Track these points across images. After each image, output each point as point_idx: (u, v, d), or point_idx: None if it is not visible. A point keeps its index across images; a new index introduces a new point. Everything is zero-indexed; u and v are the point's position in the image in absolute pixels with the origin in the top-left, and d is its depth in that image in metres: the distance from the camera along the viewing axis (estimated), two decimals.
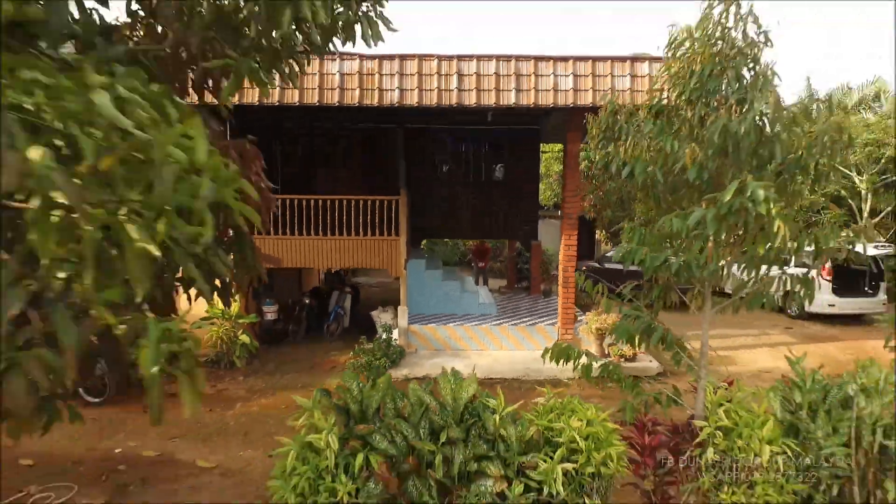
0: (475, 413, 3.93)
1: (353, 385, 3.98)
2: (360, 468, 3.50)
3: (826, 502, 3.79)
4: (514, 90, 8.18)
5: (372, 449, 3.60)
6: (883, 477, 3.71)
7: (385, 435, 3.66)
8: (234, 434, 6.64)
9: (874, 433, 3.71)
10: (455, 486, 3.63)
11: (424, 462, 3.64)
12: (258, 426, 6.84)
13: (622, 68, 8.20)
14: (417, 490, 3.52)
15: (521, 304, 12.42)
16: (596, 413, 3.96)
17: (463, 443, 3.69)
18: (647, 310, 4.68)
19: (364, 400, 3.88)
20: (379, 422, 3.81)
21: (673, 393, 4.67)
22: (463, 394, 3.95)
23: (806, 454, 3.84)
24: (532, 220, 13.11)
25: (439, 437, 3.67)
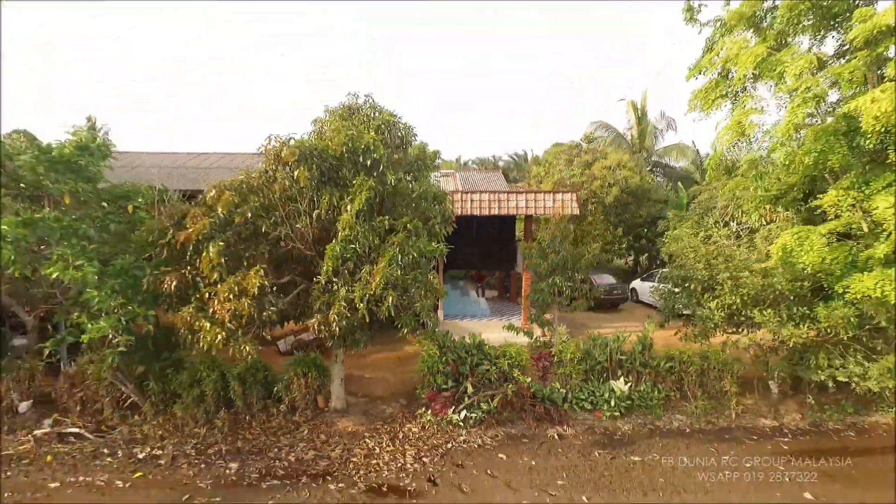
0: (481, 348, 12.09)
1: (436, 338, 12.13)
2: (444, 362, 11.66)
3: (594, 380, 11.99)
4: (503, 207, 16.35)
5: (447, 355, 11.77)
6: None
7: (452, 352, 11.84)
8: (387, 367, 14.72)
9: (609, 355, 11.94)
10: (472, 370, 11.78)
11: (463, 362, 11.81)
12: (389, 363, 14.94)
13: (549, 198, 16.40)
14: (461, 370, 11.70)
15: (504, 307, 20.60)
16: (523, 351, 12.16)
17: (476, 356, 11.87)
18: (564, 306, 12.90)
19: (442, 342, 12.05)
20: (448, 348, 11.99)
21: (549, 343, 12.89)
22: (476, 341, 12.13)
23: (588, 361, 12.04)
24: (512, 259, 21.28)
25: (468, 353, 11.84)
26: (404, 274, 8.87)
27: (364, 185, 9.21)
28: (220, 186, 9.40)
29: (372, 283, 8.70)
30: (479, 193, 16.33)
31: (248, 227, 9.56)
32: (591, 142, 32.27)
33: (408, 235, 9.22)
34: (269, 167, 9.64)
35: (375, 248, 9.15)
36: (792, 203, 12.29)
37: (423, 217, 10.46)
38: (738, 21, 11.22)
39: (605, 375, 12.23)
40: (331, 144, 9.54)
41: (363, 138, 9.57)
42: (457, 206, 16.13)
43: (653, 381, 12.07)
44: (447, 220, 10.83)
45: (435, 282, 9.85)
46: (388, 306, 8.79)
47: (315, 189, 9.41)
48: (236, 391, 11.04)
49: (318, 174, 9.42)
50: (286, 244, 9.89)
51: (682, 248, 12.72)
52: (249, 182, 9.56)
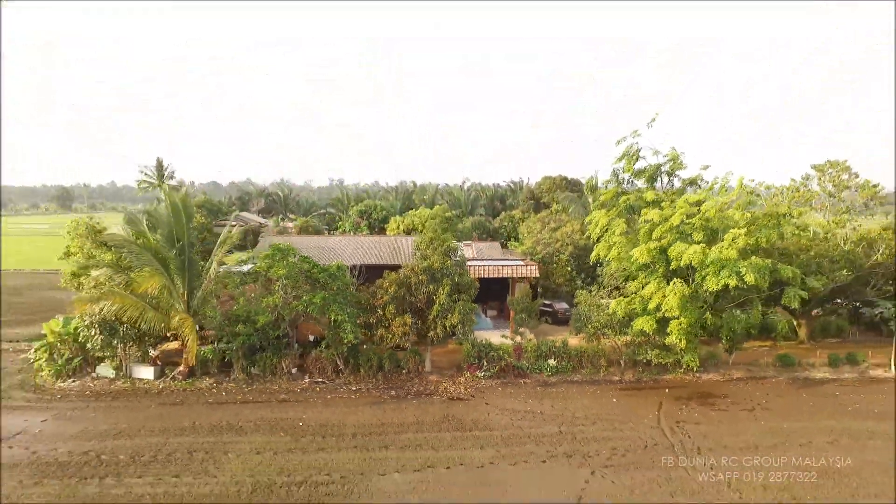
0: (490, 345, 26.78)
1: (469, 341, 26.80)
2: (474, 352, 26.38)
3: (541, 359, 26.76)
4: (497, 271, 31.10)
5: (475, 348, 26.48)
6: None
7: (476, 346, 26.56)
8: (445, 354, 29.33)
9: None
10: (486, 354, 26.44)
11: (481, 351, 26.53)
12: (446, 352, 29.51)
13: (522, 267, 31.16)
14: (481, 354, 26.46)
15: (500, 324, 35.29)
16: (509, 346, 26.89)
17: (487, 348, 26.59)
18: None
19: (472, 343, 26.74)
20: (474, 345, 26.69)
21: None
22: (487, 342, 26.85)
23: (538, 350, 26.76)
24: (505, 294, 35.87)
25: (483, 347, 26.57)
26: (464, 314, 23.65)
27: (446, 282, 23.99)
28: (390, 279, 24.17)
29: (453, 320, 23.47)
30: (485, 261, 31.10)
31: (400, 295, 24.33)
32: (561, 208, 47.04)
33: (463, 300, 24.00)
34: (407, 273, 24.43)
35: (451, 307, 23.93)
36: (622, 281, 27.10)
37: (467, 286, 25.23)
38: (599, 206, 26.09)
39: (546, 357, 26.91)
40: (434, 265, 24.33)
41: (445, 262, 24.36)
42: (472, 271, 30.87)
43: (567, 360, 26.77)
44: (473, 286, 25.62)
45: (472, 316, 24.61)
46: (454, 328, 23.53)
47: (426, 283, 24.19)
48: (385, 363, 25.73)
49: (428, 277, 24.21)
50: (414, 305, 24.68)
51: (581, 298, 27.50)
52: (400, 278, 24.33)
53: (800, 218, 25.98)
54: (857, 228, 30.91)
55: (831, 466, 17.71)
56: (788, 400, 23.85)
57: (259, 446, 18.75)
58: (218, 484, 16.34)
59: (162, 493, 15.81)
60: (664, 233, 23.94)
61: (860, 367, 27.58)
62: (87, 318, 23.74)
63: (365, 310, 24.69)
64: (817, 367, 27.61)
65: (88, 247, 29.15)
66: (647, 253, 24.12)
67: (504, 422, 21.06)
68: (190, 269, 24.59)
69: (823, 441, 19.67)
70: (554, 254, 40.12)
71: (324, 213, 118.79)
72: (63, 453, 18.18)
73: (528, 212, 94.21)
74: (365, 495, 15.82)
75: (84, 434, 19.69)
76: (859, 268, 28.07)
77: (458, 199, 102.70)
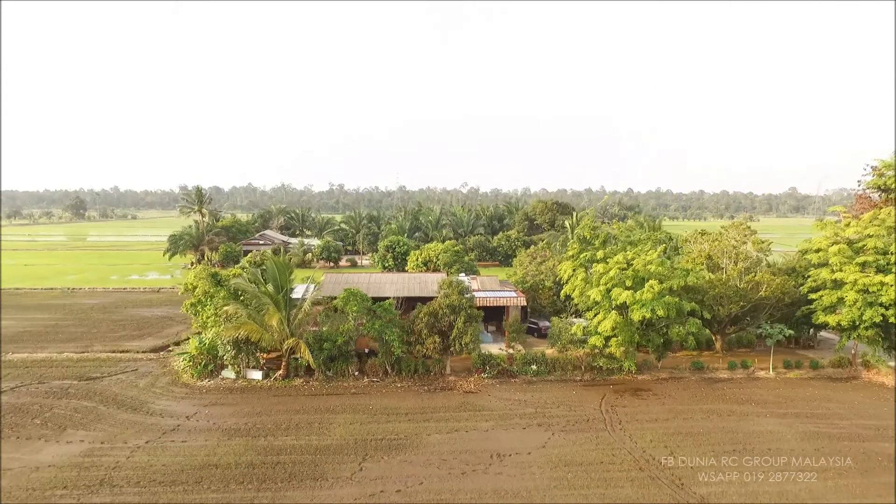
0: (491, 354, 38.51)
1: (476, 352, 38.55)
2: (480, 359, 38.14)
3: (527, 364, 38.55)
4: (495, 300, 42.81)
5: (481, 357, 38.26)
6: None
7: (481, 356, 38.32)
8: (460, 361, 41.01)
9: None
10: (489, 361, 38.17)
11: (485, 359, 38.34)
12: (460, 360, 41.16)
13: (513, 297, 42.85)
14: (485, 361, 38.25)
15: (498, 338, 47.00)
16: (503, 356, 38.65)
17: (489, 357, 38.36)
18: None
19: (479, 353, 38.50)
20: (480, 355, 38.46)
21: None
22: (488, 352, 38.60)
23: (525, 358, 38.51)
24: (502, 315, 47.63)
25: (486, 356, 38.33)
26: (473, 335, 35.47)
27: (462, 314, 35.82)
28: (424, 311, 35.97)
29: (466, 339, 35.28)
30: (487, 293, 42.81)
31: (430, 323, 36.12)
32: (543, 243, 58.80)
33: (472, 326, 35.80)
34: (435, 307, 36.24)
35: (465, 330, 35.76)
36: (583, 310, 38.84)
37: (475, 317, 37.03)
38: (567, 258, 37.92)
39: (529, 363, 38.57)
40: (453, 301, 36.12)
41: (461, 300, 36.17)
42: (478, 300, 42.56)
43: (544, 365, 38.46)
44: (480, 316, 37.44)
45: (479, 336, 36.38)
46: (467, 345, 35.30)
47: (449, 314, 35.98)
48: (420, 368, 37.42)
49: (450, 310, 36.02)
50: (440, 328, 36.48)
51: (554, 322, 39.24)
52: (431, 310, 36.12)
53: (700, 270, 37.82)
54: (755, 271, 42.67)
55: (697, 428, 29.40)
56: (690, 392, 35.61)
57: (349, 420, 30.41)
58: (333, 439, 28.00)
59: (302, 445, 27.44)
60: (607, 281, 35.71)
61: (749, 370, 39.37)
62: (223, 337, 35.37)
63: (406, 332, 36.38)
64: (720, 370, 39.40)
65: (206, 285, 40.61)
66: (598, 294, 35.90)
67: (500, 406, 32.77)
68: (289, 305, 36.21)
69: (699, 416, 31.42)
70: (539, 282, 51.79)
71: (338, 230, 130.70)
72: (231, 424, 29.82)
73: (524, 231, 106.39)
74: (420, 447, 27.45)
75: (237, 414, 31.35)
76: (749, 300, 39.82)
77: (461, 219, 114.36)
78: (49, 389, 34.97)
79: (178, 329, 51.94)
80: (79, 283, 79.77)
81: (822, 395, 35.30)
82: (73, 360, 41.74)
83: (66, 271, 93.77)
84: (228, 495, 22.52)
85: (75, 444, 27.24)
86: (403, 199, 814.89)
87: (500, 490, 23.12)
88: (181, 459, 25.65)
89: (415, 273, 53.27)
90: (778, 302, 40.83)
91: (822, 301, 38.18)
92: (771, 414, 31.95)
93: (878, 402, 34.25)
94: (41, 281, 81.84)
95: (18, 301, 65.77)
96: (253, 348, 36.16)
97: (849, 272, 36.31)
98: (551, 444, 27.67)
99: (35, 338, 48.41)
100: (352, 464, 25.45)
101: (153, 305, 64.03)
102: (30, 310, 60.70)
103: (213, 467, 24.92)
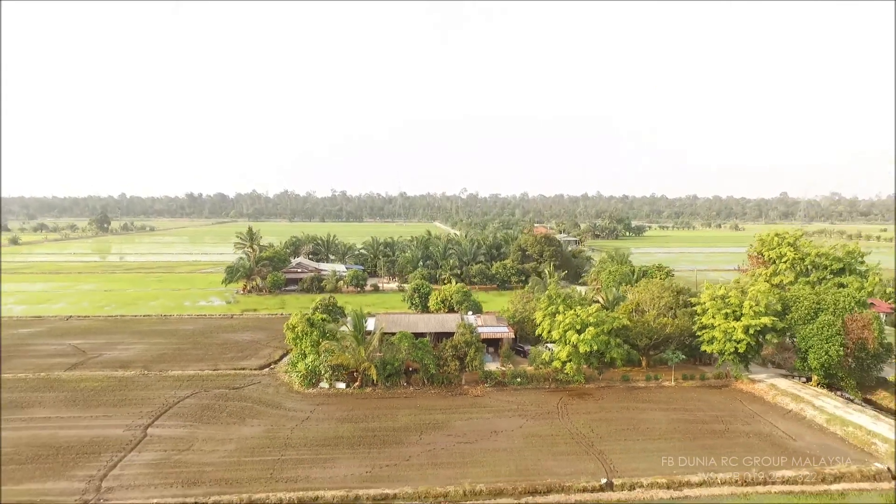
0: (491, 370, 59.58)
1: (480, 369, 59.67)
2: (484, 375, 59.29)
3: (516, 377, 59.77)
4: (493, 333, 63.83)
5: (484, 373, 59.43)
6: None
7: (484, 373, 59.47)
8: (469, 375, 62.06)
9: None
10: (490, 375, 59.25)
11: (487, 374, 59.52)
12: (470, 375, 62.14)
13: (505, 329, 63.96)
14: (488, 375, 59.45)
15: (496, 358, 67.97)
16: (499, 372, 59.85)
17: (489, 372, 59.50)
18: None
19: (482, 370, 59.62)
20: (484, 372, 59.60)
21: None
22: (489, 369, 59.72)
23: (513, 374, 59.63)
24: (498, 342, 68.63)
25: (488, 372, 59.47)
26: (479, 359, 56.66)
27: (473, 347, 56.99)
28: (449, 344, 57.15)
29: (475, 363, 56.44)
30: (487, 328, 63.87)
31: (452, 353, 57.34)
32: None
33: (480, 355, 56.94)
34: (456, 341, 57.44)
35: (475, 357, 56.96)
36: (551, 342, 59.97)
37: (480, 349, 58.17)
38: (540, 308, 59.14)
39: (516, 377, 59.52)
40: (467, 338, 57.27)
41: (471, 337, 57.34)
42: (482, 334, 63.62)
43: (526, 378, 59.46)
44: (483, 348, 58.52)
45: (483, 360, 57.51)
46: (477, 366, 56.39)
47: (464, 346, 57.15)
48: (444, 380, 58.48)
49: (465, 343, 57.17)
50: (459, 355, 57.68)
51: (532, 349, 60.30)
52: (453, 343, 57.32)
53: (623, 318, 58.87)
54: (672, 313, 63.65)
55: (611, 417, 50.40)
56: (616, 395, 56.59)
57: (407, 413, 51.34)
58: (400, 423, 48.93)
59: (385, 426, 48.37)
60: (564, 326, 56.72)
61: (658, 381, 60.39)
62: (324, 363, 56.35)
63: (437, 357, 57.35)
64: (640, 381, 60.39)
65: (304, 325, 61.33)
66: (557, 334, 56.97)
67: (496, 404, 53.76)
68: (364, 340, 57.16)
69: (616, 410, 52.41)
70: (526, 317, 72.67)
71: (358, 254, 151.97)
72: (338, 415, 50.78)
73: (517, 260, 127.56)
74: (450, 427, 48.33)
75: (339, 409, 52.34)
76: (661, 335, 60.80)
77: (465, 249, 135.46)
78: (216, 395, 55.89)
79: (269, 351, 72.89)
80: (166, 310, 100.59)
81: (697, 397, 56.38)
82: (213, 375, 62.66)
83: (145, 297, 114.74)
84: (355, 450, 43.54)
85: (256, 427, 48.22)
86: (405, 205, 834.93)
87: (496, 448, 44.16)
88: (321, 434, 46.67)
89: (439, 314, 74.37)
90: (681, 335, 61.91)
91: (703, 336, 59.27)
92: (660, 409, 52.98)
93: (729, 400, 55.29)
94: (132, 308, 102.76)
95: (134, 328, 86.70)
96: (341, 368, 57.11)
97: (717, 319, 57.40)
98: (526, 426, 48.67)
99: (172, 359, 69.29)
100: (414, 436, 46.45)
101: (237, 330, 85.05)
102: (149, 335, 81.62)
103: (340, 437, 45.96)
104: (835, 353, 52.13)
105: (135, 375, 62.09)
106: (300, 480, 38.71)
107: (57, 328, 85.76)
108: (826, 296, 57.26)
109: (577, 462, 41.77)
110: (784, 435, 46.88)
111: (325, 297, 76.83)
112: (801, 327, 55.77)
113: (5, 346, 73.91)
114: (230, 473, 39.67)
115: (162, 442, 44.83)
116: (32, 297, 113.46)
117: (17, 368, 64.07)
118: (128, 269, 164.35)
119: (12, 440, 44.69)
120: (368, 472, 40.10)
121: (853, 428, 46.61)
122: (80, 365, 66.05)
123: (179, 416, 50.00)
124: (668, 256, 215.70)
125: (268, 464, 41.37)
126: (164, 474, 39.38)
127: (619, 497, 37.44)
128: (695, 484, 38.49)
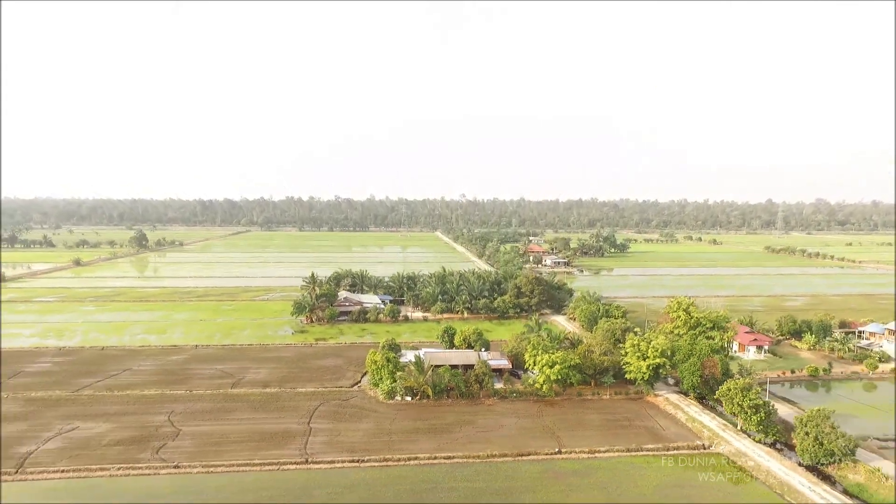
0: (498, 389, 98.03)
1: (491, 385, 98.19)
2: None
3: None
4: (495, 363, 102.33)
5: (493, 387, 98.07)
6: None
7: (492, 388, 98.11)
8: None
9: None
10: (497, 391, 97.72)
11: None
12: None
13: (503, 360, 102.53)
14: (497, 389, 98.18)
15: (500, 380, 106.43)
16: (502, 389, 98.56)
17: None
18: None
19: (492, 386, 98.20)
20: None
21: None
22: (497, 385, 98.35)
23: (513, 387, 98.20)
24: (501, 371, 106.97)
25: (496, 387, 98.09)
26: (491, 382, 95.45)
27: (487, 375, 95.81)
28: (473, 373, 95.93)
29: (489, 385, 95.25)
30: (493, 360, 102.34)
31: (475, 378, 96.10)
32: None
33: (491, 377, 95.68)
34: (476, 371, 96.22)
35: (489, 381, 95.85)
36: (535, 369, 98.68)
37: (490, 375, 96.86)
38: (529, 349, 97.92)
39: (513, 392, 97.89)
40: (484, 370, 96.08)
41: (486, 368, 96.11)
42: (491, 364, 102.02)
43: (519, 393, 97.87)
44: (493, 375, 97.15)
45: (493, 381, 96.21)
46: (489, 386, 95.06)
47: (482, 374, 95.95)
48: (470, 395, 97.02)
49: (483, 373, 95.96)
50: (479, 380, 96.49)
51: (524, 375, 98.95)
52: (475, 372, 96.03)
53: (575, 359, 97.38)
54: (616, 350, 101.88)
55: (566, 417, 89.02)
56: (573, 405, 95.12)
57: (449, 414, 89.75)
58: (448, 421, 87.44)
59: (441, 423, 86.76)
60: (544, 362, 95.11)
61: (599, 395, 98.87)
62: (401, 385, 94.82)
63: (466, 380, 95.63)
64: (589, 396, 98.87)
65: (382, 360, 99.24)
66: (538, 367, 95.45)
67: (501, 410, 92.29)
68: (423, 370, 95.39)
69: (570, 413, 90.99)
70: (520, 353, 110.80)
71: (387, 285, 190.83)
72: (413, 415, 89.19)
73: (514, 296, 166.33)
74: (475, 424, 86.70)
75: (412, 412, 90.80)
76: (602, 366, 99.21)
77: (473, 285, 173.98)
78: (335, 404, 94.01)
79: (351, 373, 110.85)
80: (259, 340, 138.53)
81: (620, 406, 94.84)
82: (324, 391, 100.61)
83: (237, 326, 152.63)
84: (427, 435, 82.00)
85: (369, 423, 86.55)
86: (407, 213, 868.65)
87: (502, 435, 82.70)
88: (406, 426, 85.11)
89: (462, 350, 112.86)
90: (614, 366, 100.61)
91: (626, 368, 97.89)
92: (596, 412, 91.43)
93: (639, 407, 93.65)
94: (234, 337, 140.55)
95: (249, 355, 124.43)
96: (409, 388, 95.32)
97: (633, 358, 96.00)
98: (518, 423, 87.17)
99: (293, 379, 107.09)
100: (456, 427, 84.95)
101: (321, 357, 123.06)
102: (264, 361, 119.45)
103: (417, 428, 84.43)
104: (696, 380, 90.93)
105: (278, 392, 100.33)
106: (404, 451, 76.89)
107: (196, 356, 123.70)
108: (696, 345, 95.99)
109: (544, 441, 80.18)
110: (659, 427, 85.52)
111: (388, 340, 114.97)
112: (680, 365, 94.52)
113: (175, 371, 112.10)
114: (368, 446, 77.94)
115: (322, 432, 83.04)
116: (152, 328, 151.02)
117: (200, 387, 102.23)
118: (199, 296, 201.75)
119: (239, 431, 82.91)
120: (437, 446, 78.32)
121: (698, 424, 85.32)
122: (237, 384, 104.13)
123: (322, 417, 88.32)
124: (641, 279, 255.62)
125: (384, 442, 79.67)
126: (334, 447, 77.61)
127: (564, 457, 75.90)
128: (603, 451, 77.06)
